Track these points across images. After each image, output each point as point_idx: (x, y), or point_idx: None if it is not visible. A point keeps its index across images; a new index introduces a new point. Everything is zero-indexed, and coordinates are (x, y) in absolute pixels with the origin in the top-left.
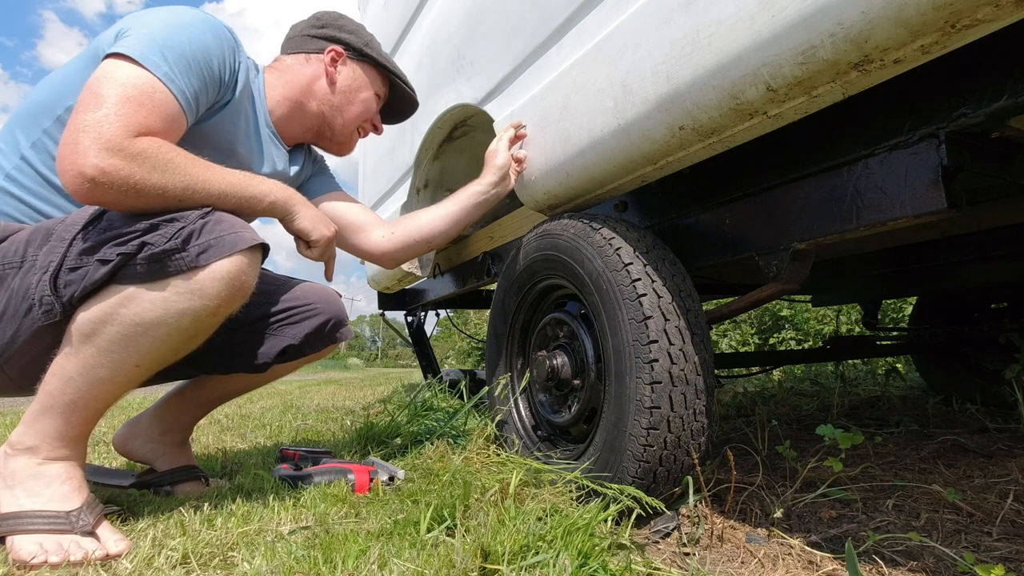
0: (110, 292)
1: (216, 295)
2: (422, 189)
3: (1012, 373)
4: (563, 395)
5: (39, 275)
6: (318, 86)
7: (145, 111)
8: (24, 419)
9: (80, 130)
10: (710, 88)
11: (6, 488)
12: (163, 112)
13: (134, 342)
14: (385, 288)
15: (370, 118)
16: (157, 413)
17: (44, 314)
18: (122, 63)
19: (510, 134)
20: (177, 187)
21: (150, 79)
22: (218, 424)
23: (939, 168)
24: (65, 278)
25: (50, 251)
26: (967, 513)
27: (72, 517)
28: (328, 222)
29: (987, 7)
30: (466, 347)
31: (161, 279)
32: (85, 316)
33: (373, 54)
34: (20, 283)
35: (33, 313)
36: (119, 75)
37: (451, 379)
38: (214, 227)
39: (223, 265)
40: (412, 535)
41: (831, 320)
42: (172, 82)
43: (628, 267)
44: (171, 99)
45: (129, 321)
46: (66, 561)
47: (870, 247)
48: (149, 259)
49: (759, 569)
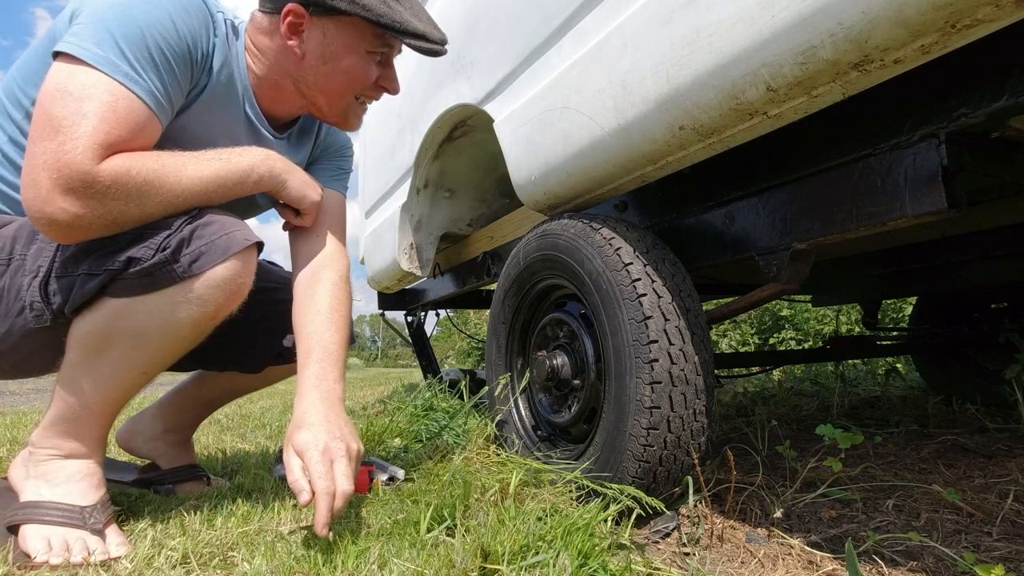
0: (105, 306)
1: (214, 301)
2: (422, 189)
3: (1012, 373)
4: (563, 395)
5: (29, 279)
6: (285, 60)
7: (107, 126)
8: (43, 423)
9: (39, 167)
10: (710, 88)
11: (29, 477)
12: (130, 122)
13: (137, 352)
14: (385, 288)
15: (368, 85)
16: (159, 411)
17: (35, 318)
18: (75, 69)
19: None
20: (157, 208)
21: (109, 85)
22: (218, 424)
23: (939, 168)
24: (53, 286)
25: (38, 254)
26: (967, 513)
27: (86, 513)
28: (313, 184)
29: (987, 7)
30: (466, 347)
31: (155, 291)
32: (85, 331)
33: (342, 4)
34: (11, 282)
35: (25, 315)
36: (72, 87)
37: (451, 379)
38: (203, 231)
39: (217, 272)
40: (412, 535)
41: (831, 320)
42: (136, 83)
43: (628, 267)
44: (138, 104)
45: (130, 334)
46: (66, 562)
47: (870, 247)
48: (139, 274)
49: (759, 569)
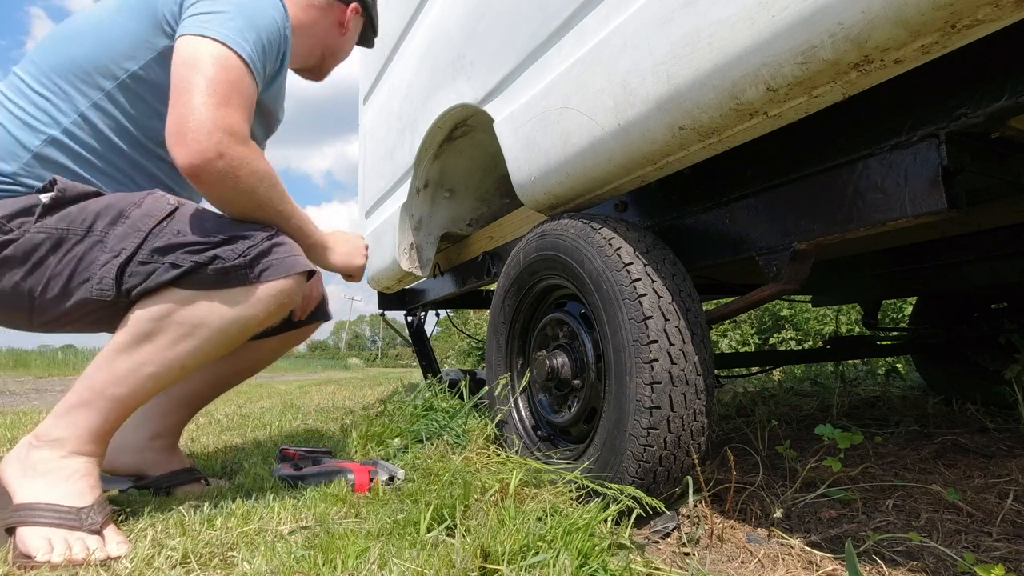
0: (171, 294)
1: (266, 308)
2: (422, 189)
3: (1012, 373)
4: (563, 395)
5: (108, 257)
6: (332, 36)
7: (243, 99)
8: (55, 411)
9: (198, 110)
10: (710, 88)
11: (25, 477)
12: (250, 100)
13: (185, 343)
14: (385, 288)
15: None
16: (143, 420)
17: (99, 291)
18: (217, 47)
19: None
20: (255, 204)
21: (241, 66)
22: (218, 424)
23: (939, 168)
24: (133, 269)
25: (123, 237)
26: (967, 513)
27: (83, 514)
28: (359, 252)
29: (987, 7)
30: (466, 347)
31: (223, 288)
32: (145, 314)
33: (372, 8)
34: (84, 253)
35: (89, 285)
36: (222, 61)
37: (451, 379)
38: (278, 249)
39: (278, 284)
40: (412, 535)
41: (831, 320)
42: (255, 68)
43: (628, 267)
44: (254, 86)
45: (187, 323)
46: (67, 562)
47: (870, 247)
48: (218, 271)
49: (759, 569)
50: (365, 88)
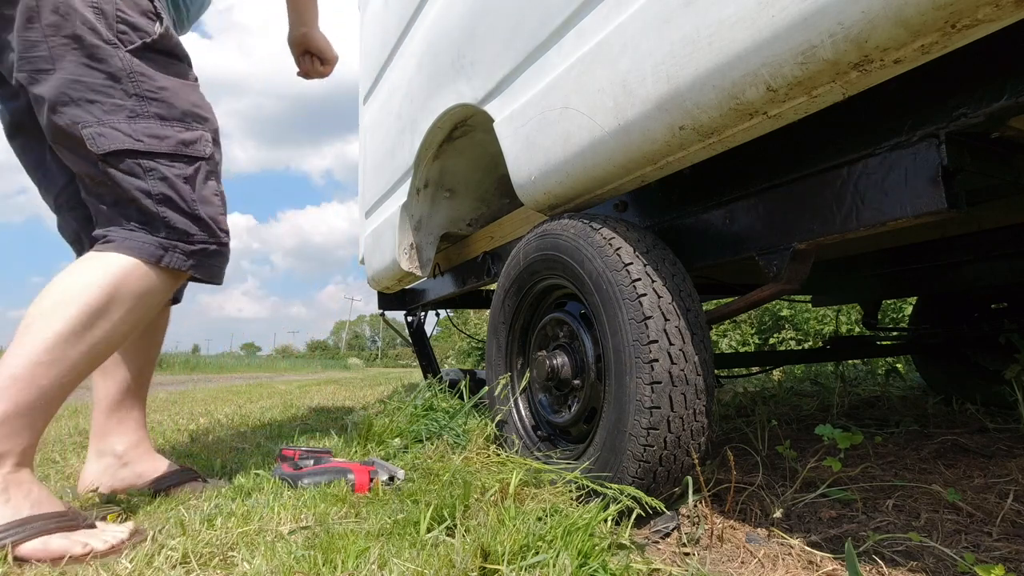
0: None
1: (166, 295)
2: (422, 189)
3: (1012, 373)
4: (563, 395)
5: (124, 129)
6: None
7: None
8: None
9: None
10: (710, 88)
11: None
12: None
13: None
14: (385, 288)
15: None
16: (103, 443)
17: (93, 138)
18: None
19: None
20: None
21: None
22: (218, 424)
23: (939, 168)
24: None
25: (150, 135)
26: (967, 513)
27: (71, 514)
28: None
29: (987, 7)
30: (466, 347)
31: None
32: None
33: None
34: (116, 102)
35: (87, 119)
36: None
37: (451, 379)
38: (219, 258)
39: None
40: (412, 535)
41: (831, 320)
42: None
43: (628, 267)
44: None
45: (131, 298)
46: (91, 551)
47: (870, 247)
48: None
49: (759, 569)
50: (365, 88)
